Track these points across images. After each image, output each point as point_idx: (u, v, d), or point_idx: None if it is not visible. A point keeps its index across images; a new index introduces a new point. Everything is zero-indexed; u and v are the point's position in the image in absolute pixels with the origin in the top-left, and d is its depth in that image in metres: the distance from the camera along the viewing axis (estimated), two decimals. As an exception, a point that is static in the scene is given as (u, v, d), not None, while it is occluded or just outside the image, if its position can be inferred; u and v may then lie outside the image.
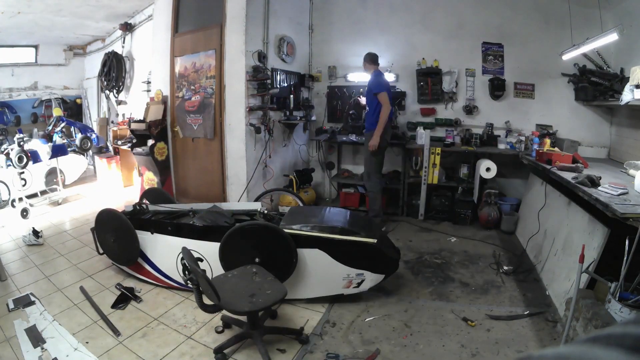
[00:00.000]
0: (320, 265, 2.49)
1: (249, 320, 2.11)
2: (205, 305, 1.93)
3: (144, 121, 4.61)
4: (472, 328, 2.34)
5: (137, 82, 5.83)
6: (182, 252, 1.94)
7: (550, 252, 2.89)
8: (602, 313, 1.82)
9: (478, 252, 3.51)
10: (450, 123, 4.64)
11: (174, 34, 4.43)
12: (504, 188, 4.54)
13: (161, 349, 2.15)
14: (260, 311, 2.04)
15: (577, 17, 3.80)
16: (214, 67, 4.00)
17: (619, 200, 2.04)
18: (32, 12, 5.09)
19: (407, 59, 4.71)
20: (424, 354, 2.12)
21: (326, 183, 5.22)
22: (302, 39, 4.91)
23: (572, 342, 0.30)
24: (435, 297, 2.74)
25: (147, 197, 3.33)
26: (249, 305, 1.92)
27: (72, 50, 7.46)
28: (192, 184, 4.56)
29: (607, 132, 4.14)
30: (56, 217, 4.57)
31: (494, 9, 4.37)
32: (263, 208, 2.88)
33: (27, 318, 2.40)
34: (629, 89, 2.83)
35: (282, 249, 2.42)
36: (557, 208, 3.02)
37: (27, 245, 3.59)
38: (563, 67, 4.11)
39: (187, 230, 2.67)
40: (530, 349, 2.17)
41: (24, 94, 7.10)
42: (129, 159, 5.68)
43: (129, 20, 5.86)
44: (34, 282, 2.90)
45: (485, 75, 4.49)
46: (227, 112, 3.98)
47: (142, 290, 2.78)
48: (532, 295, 2.71)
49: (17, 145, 4.29)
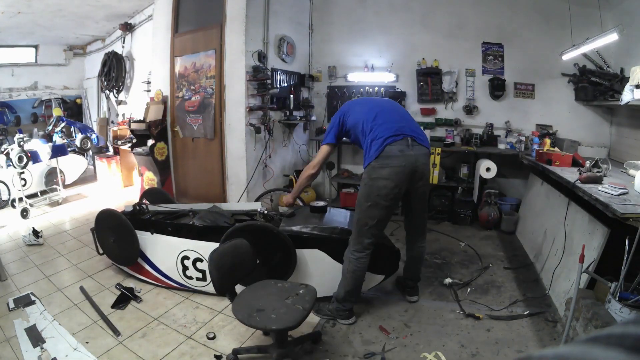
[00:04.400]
0: (321, 265, 2.49)
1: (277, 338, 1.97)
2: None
3: (144, 121, 4.61)
4: (472, 328, 2.34)
5: (137, 82, 5.83)
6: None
7: (550, 252, 2.89)
8: (602, 313, 1.82)
9: (478, 252, 3.51)
10: (450, 123, 4.64)
11: (174, 34, 4.43)
12: (504, 188, 4.54)
13: (161, 349, 2.14)
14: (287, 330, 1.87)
15: (577, 17, 3.80)
16: (214, 67, 4.00)
17: (619, 200, 2.04)
18: (32, 12, 5.09)
19: (407, 58, 4.71)
20: (424, 354, 2.11)
21: (326, 183, 5.22)
22: (302, 39, 4.91)
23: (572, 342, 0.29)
24: (435, 297, 2.74)
25: (147, 197, 3.33)
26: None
27: (72, 50, 7.46)
28: (192, 184, 4.56)
29: (607, 132, 4.14)
30: (56, 217, 4.57)
31: (494, 9, 4.36)
32: (263, 208, 2.88)
33: (27, 318, 2.40)
34: (629, 89, 2.83)
35: (281, 250, 2.42)
36: (557, 208, 3.02)
37: (27, 245, 3.59)
38: (563, 67, 4.11)
39: (187, 230, 2.67)
40: (530, 349, 2.17)
41: (24, 94, 7.11)
42: (129, 159, 5.68)
43: (129, 20, 5.87)
44: (34, 282, 2.90)
45: (485, 75, 4.48)
46: (227, 112, 3.98)
47: (142, 290, 2.78)
48: (532, 295, 2.71)
49: (17, 145, 4.29)
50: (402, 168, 2.18)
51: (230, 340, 2.23)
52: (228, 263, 1.94)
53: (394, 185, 2.18)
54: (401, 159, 2.18)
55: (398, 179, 2.18)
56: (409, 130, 2.28)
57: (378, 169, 2.18)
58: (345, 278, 2.32)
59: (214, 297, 2.63)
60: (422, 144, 2.29)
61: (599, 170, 2.61)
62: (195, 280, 2.68)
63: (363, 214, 2.25)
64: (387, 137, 2.20)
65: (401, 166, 2.18)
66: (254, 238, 2.29)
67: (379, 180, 2.18)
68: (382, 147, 2.18)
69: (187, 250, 2.63)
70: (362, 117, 2.33)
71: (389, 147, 2.18)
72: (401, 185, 2.21)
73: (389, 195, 2.19)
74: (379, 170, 2.18)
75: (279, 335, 1.93)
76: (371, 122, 2.27)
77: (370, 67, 4.84)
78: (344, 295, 2.33)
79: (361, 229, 2.26)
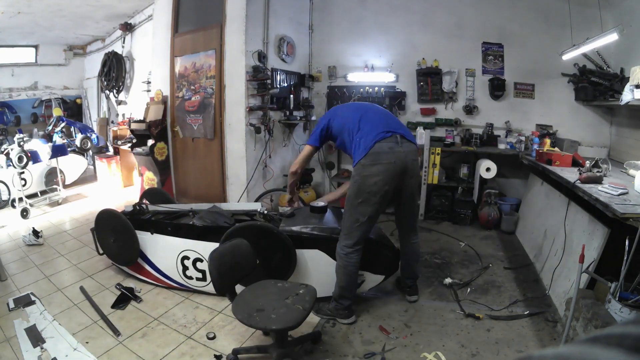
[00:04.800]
0: (321, 266, 2.49)
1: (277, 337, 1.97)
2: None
3: (144, 121, 4.61)
4: (472, 328, 2.34)
5: (137, 82, 5.83)
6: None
7: (550, 252, 2.89)
8: (602, 313, 1.82)
9: (478, 252, 3.51)
10: (450, 123, 4.64)
11: (174, 34, 4.43)
12: (504, 188, 4.54)
13: (161, 349, 2.14)
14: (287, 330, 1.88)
15: (577, 17, 3.80)
16: (214, 67, 4.00)
17: (619, 200, 2.04)
18: (32, 12, 5.09)
19: (407, 58, 4.71)
20: (424, 354, 2.11)
21: (326, 183, 5.22)
22: (302, 39, 4.91)
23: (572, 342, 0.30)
24: (435, 297, 2.74)
25: (147, 197, 3.33)
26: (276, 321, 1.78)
27: (72, 50, 7.46)
28: (192, 184, 4.56)
29: (607, 132, 4.14)
30: (56, 217, 4.57)
31: (494, 9, 4.36)
32: (263, 208, 2.88)
33: (27, 318, 2.40)
34: (629, 89, 2.83)
35: (281, 250, 2.42)
36: (557, 208, 3.02)
37: (27, 245, 3.59)
38: (563, 67, 4.11)
39: (187, 230, 2.67)
40: (530, 349, 2.17)
41: (24, 94, 7.11)
42: (129, 159, 5.68)
43: (129, 20, 5.87)
44: (34, 282, 2.90)
45: (485, 75, 4.48)
46: (227, 112, 3.98)
47: (142, 290, 2.78)
48: (532, 295, 2.71)
49: (17, 145, 4.29)
50: (392, 165, 2.20)
51: (230, 340, 2.23)
52: (228, 263, 1.94)
53: (384, 182, 2.19)
54: (391, 155, 2.20)
55: (388, 176, 2.20)
56: (397, 128, 2.32)
57: (368, 166, 2.19)
58: (337, 274, 2.34)
59: (214, 297, 2.63)
60: (411, 141, 2.33)
61: (599, 170, 2.61)
62: (195, 280, 2.68)
63: (354, 210, 2.26)
64: (376, 134, 2.22)
65: (391, 163, 2.19)
66: (254, 238, 2.29)
67: (369, 177, 2.19)
68: (372, 144, 2.20)
69: (187, 250, 2.63)
70: (349, 118, 2.36)
71: (378, 144, 2.20)
72: (391, 182, 2.22)
73: (379, 192, 2.20)
74: (369, 167, 2.19)
75: (279, 335, 1.93)
76: (358, 122, 2.30)
77: (370, 67, 4.85)
78: (339, 292, 2.35)
79: (352, 225, 2.27)
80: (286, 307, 1.84)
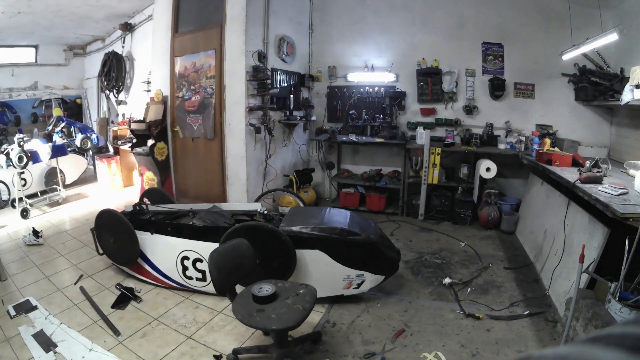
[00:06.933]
0: (321, 266, 2.49)
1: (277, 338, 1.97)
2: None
3: (144, 121, 4.61)
4: (472, 328, 2.34)
5: (137, 82, 5.83)
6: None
7: (550, 252, 2.89)
8: (602, 313, 1.82)
9: (478, 252, 3.51)
10: (450, 123, 4.64)
11: (174, 34, 4.43)
12: (504, 188, 4.54)
13: (161, 349, 2.14)
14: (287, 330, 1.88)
15: (577, 17, 3.80)
16: (214, 67, 4.00)
17: (619, 200, 2.04)
18: (32, 12, 5.09)
19: (407, 58, 4.71)
20: (424, 354, 2.11)
21: (326, 183, 5.22)
22: (302, 39, 4.91)
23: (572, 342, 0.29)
24: (435, 297, 2.74)
25: (147, 197, 3.33)
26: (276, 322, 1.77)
27: (72, 50, 7.46)
28: (192, 184, 4.56)
29: (607, 132, 4.14)
30: (56, 217, 4.57)
31: (494, 9, 4.36)
32: (263, 208, 2.88)
33: (32, 324, 2.37)
34: (629, 89, 2.83)
35: (281, 250, 2.42)
36: (557, 208, 3.02)
37: (27, 245, 3.59)
38: (563, 67, 4.11)
39: (187, 230, 2.67)
40: (530, 349, 2.17)
41: (24, 94, 7.11)
42: (129, 159, 5.68)
43: (129, 20, 5.86)
44: (34, 282, 2.90)
45: (485, 75, 4.48)
46: (227, 112, 3.98)
47: (142, 290, 2.78)
48: (532, 295, 2.71)
49: (17, 145, 4.29)
50: None
51: (230, 340, 2.23)
52: (228, 263, 1.94)
53: None
54: None
55: None
56: None
57: None
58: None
59: (214, 297, 2.63)
60: None
61: (599, 170, 2.61)
62: (195, 280, 2.68)
63: None
64: None
65: None
66: (254, 238, 2.29)
67: None
68: None
69: (187, 251, 2.63)
70: None
71: None
72: None
73: None
74: None
75: (279, 335, 1.93)
76: None
77: (370, 67, 4.85)
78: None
79: None
80: (286, 307, 1.84)
